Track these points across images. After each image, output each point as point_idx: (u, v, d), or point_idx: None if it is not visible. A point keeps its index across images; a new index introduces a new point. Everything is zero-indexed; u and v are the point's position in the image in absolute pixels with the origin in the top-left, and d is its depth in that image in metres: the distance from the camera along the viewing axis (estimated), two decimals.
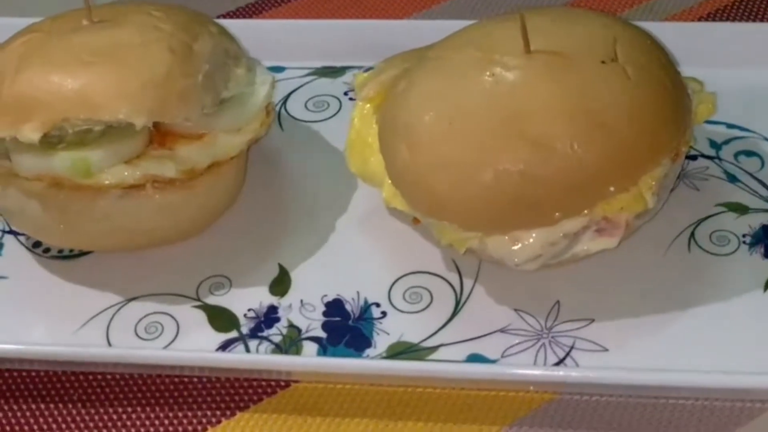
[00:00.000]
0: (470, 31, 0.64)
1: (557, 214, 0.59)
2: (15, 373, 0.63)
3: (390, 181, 0.63)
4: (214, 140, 0.65)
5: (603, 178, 0.59)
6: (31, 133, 0.61)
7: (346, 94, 0.78)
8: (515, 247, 0.61)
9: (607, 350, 0.60)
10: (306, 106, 0.77)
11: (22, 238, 0.70)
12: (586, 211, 0.60)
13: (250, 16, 0.87)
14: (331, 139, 0.74)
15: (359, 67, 0.79)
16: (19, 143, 0.63)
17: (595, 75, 0.59)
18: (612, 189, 0.59)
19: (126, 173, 0.63)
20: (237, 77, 0.67)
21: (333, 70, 0.80)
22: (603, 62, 0.60)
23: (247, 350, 0.62)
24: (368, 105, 0.67)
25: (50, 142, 0.62)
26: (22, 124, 0.61)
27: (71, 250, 0.69)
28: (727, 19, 0.82)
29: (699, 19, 0.82)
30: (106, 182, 0.63)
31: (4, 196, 0.65)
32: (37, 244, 0.69)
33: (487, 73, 0.60)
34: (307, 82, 0.79)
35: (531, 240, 0.60)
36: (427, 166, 0.60)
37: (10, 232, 0.70)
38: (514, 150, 0.58)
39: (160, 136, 0.64)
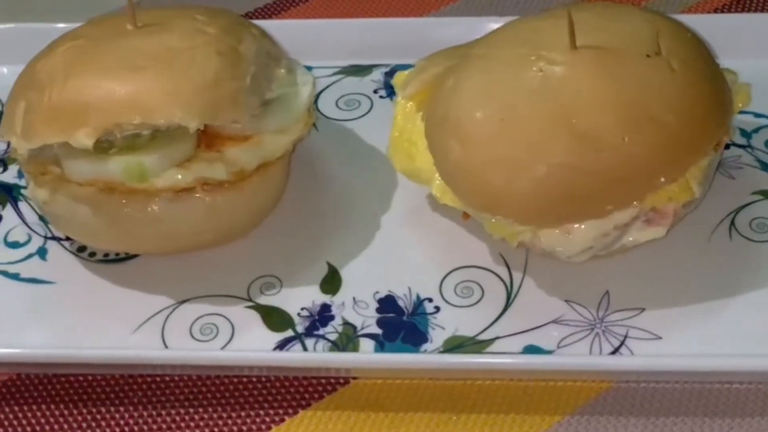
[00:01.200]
0: (513, 28, 0.65)
1: (609, 206, 0.60)
2: (72, 378, 0.63)
3: (440, 178, 0.64)
4: (260, 141, 0.65)
5: (653, 169, 0.60)
6: (85, 138, 0.61)
7: (375, 92, 0.78)
8: (567, 240, 0.62)
9: (660, 338, 0.62)
10: (337, 105, 0.78)
11: (65, 243, 0.70)
12: (635, 203, 0.61)
13: (268, 17, 0.88)
14: (366, 137, 0.75)
15: (386, 65, 0.80)
16: (71, 149, 0.63)
17: (641, 69, 0.61)
18: (662, 180, 0.60)
19: (178, 176, 0.63)
20: (279, 78, 0.67)
21: (360, 69, 0.80)
22: (648, 56, 0.61)
23: (305, 348, 0.63)
24: (410, 103, 0.68)
25: (101, 147, 0.62)
26: (75, 129, 0.61)
27: (117, 254, 0.69)
28: (743, 10, 0.84)
29: (715, 10, 0.84)
30: (159, 186, 0.63)
31: (52, 202, 0.65)
32: (81, 248, 0.69)
33: (536, 70, 0.61)
34: (335, 81, 0.79)
35: (582, 232, 0.61)
36: (481, 163, 0.61)
37: (53, 237, 0.70)
38: (566, 144, 0.59)
39: (207, 138, 0.65)
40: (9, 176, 0.75)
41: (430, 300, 0.65)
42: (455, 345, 0.63)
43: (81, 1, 0.91)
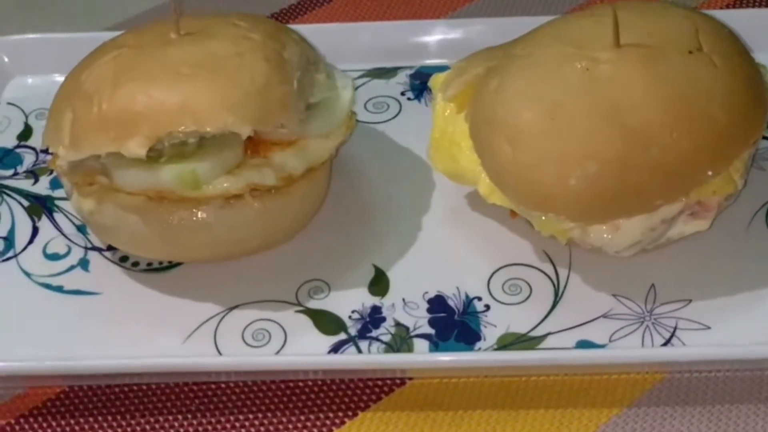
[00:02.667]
0: (554, 27, 0.66)
1: (658, 201, 0.62)
2: (126, 388, 0.63)
3: (487, 178, 0.65)
4: (306, 146, 0.66)
5: (701, 163, 0.61)
6: (137, 148, 0.61)
7: (403, 94, 0.79)
8: (616, 235, 0.63)
9: (709, 328, 0.63)
10: (366, 108, 0.78)
11: (107, 253, 0.70)
12: (683, 197, 0.62)
13: (287, 22, 0.88)
14: (399, 139, 0.76)
15: (410, 67, 0.81)
16: (120, 158, 0.63)
17: (685, 65, 0.62)
18: (709, 174, 0.62)
19: (229, 183, 0.63)
20: (319, 83, 0.68)
21: (384, 71, 0.81)
22: (690, 52, 0.62)
23: (359, 351, 0.64)
24: (451, 104, 0.68)
25: (150, 156, 0.62)
26: (127, 139, 0.61)
27: (161, 263, 0.69)
28: (752, 6, 0.86)
29: (727, 6, 0.86)
30: (210, 193, 0.63)
31: (99, 212, 0.65)
32: (124, 258, 0.69)
33: (582, 68, 0.62)
34: (362, 85, 0.80)
35: (631, 227, 0.63)
36: (531, 162, 0.62)
37: (93, 248, 0.70)
38: (616, 141, 0.60)
39: (252, 144, 0.65)
40: (41, 188, 0.74)
41: (479, 298, 0.66)
42: (508, 342, 0.63)
43: (96, 10, 0.91)
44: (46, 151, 0.76)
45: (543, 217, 0.63)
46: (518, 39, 0.67)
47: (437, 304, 0.66)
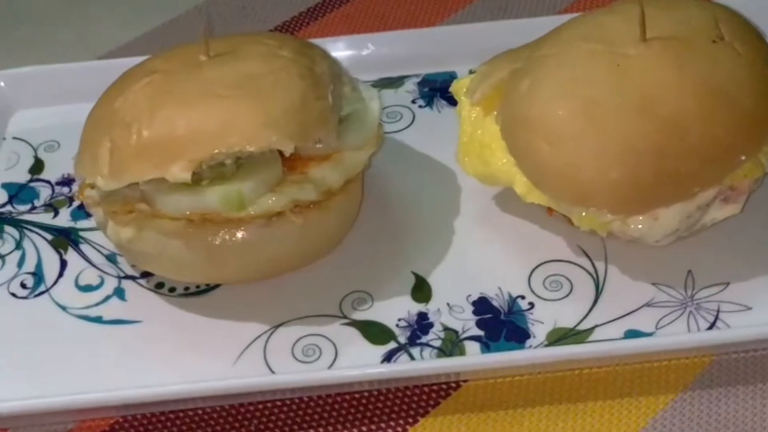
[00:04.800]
0: (577, 26, 0.67)
1: (696, 188, 0.63)
2: (182, 414, 0.63)
3: (524, 177, 0.66)
4: (341, 159, 0.66)
5: (735, 149, 0.63)
6: (181, 172, 0.61)
7: (414, 102, 0.80)
8: (655, 225, 0.64)
9: (750, 308, 0.64)
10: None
11: (142, 281, 0.69)
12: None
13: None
14: (418, 146, 0.76)
15: (416, 75, 0.82)
16: (161, 184, 0.62)
17: (711, 54, 0.64)
18: (743, 158, 0.63)
19: (273, 201, 0.63)
20: (346, 96, 0.68)
21: (391, 81, 0.81)
22: (714, 42, 0.64)
23: (412, 358, 0.64)
24: (477, 108, 0.69)
25: (192, 179, 0.62)
26: (170, 164, 0.61)
27: (198, 287, 0.68)
28: None
29: None
30: (255, 212, 0.63)
31: (139, 239, 0.64)
32: (160, 284, 0.69)
33: (612, 64, 0.63)
34: None
35: (669, 215, 0.64)
36: (571, 158, 0.63)
37: (127, 276, 0.69)
38: (652, 132, 0.62)
39: (289, 161, 0.65)
40: (63, 220, 0.73)
41: (523, 297, 0.66)
42: (558, 337, 0.64)
43: (79, 41, 0.91)
44: (63, 183, 0.76)
45: (583, 213, 0.64)
46: (541, 40, 0.68)
47: (482, 305, 0.66)
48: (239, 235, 0.63)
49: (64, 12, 0.95)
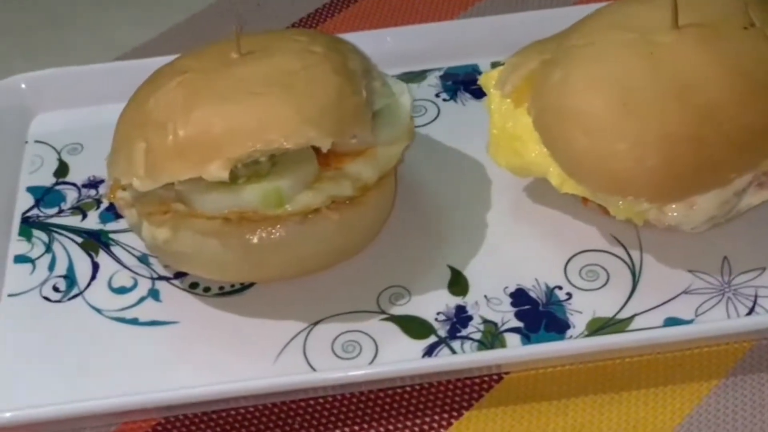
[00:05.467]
0: (607, 15, 0.67)
1: (733, 174, 0.63)
2: (224, 414, 0.63)
3: (558, 168, 0.66)
4: (375, 154, 0.66)
5: None
6: (219, 171, 0.60)
7: (437, 96, 0.80)
8: (692, 212, 0.64)
9: None
10: None
11: (176, 281, 0.69)
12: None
13: None
14: (446, 140, 0.76)
15: (438, 69, 0.82)
16: (198, 183, 0.62)
17: (743, 41, 0.63)
18: None
19: (310, 198, 0.63)
20: (377, 90, 0.67)
21: (414, 75, 0.81)
22: (745, 28, 0.64)
23: (453, 351, 0.64)
24: (507, 100, 0.69)
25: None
26: (207, 163, 0.61)
27: (232, 286, 0.68)
28: None
29: None
30: (292, 209, 0.63)
31: (175, 240, 0.64)
32: (194, 284, 0.68)
33: (645, 52, 0.63)
34: None
35: (705, 202, 0.64)
36: (608, 148, 0.63)
37: (160, 277, 0.69)
38: (689, 120, 0.62)
39: (323, 157, 0.65)
40: (92, 223, 0.73)
41: (560, 287, 0.66)
42: (598, 327, 0.64)
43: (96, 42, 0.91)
44: (89, 186, 0.75)
45: (621, 202, 0.64)
46: (570, 30, 0.68)
47: (520, 297, 0.66)
48: (276, 232, 0.63)
49: (78, 14, 0.95)
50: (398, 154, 0.67)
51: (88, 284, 0.69)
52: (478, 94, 0.79)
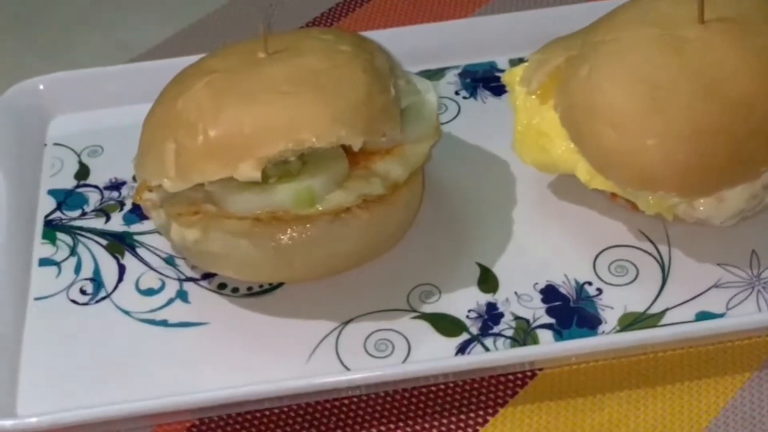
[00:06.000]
0: (632, 11, 0.67)
1: (763, 167, 0.63)
2: (258, 414, 0.62)
3: (586, 164, 0.66)
4: (403, 152, 0.66)
5: None
6: (251, 171, 0.60)
7: (457, 93, 0.79)
8: (721, 206, 0.64)
9: None
10: None
11: (204, 282, 0.68)
12: None
13: None
14: (468, 137, 0.76)
15: (455, 66, 0.82)
16: (229, 183, 0.62)
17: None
18: None
19: (341, 197, 0.63)
20: (402, 89, 0.67)
21: (432, 73, 0.81)
22: None
23: (486, 349, 0.64)
24: (532, 97, 0.69)
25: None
26: (239, 162, 0.60)
27: (261, 286, 0.68)
28: None
29: None
30: (324, 209, 0.62)
31: (206, 240, 0.64)
32: (222, 285, 0.68)
33: (673, 47, 0.63)
34: None
35: (735, 196, 0.64)
36: (638, 143, 0.63)
37: (188, 278, 0.69)
38: (718, 114, 0.62)
39: (351, 155, 0.65)
40: (116, 225, 0.72)
41: (590, 283, 0.66)
42: (630, 322, 0.64)
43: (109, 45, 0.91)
44: (111, 188, 0.75)
45: (650, 197, 0.64)
46: (594, 26, 0.68)
47: (550, 293, 0.66)
48: (307, 232, 0.63)
49: (91, 14, 0.94)
50: (426, 151, 0.67)
51: (116, 286, 0.69)
52: (498, 91, 0.79)
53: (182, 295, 0.68)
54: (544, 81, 0.68)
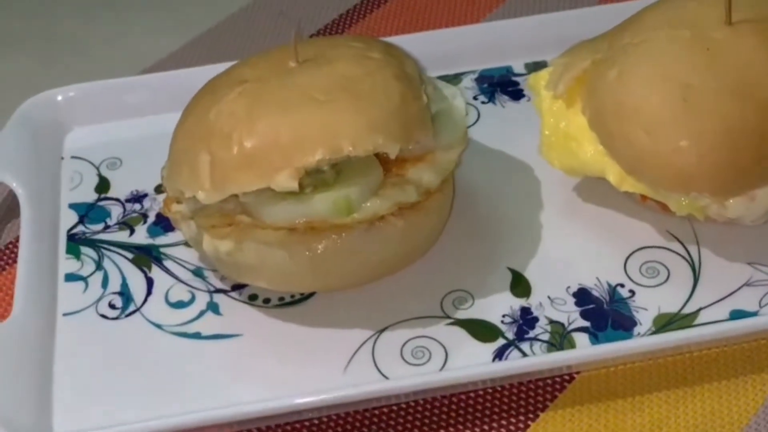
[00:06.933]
0: (659, 13, 0.67)
1: None
2: (297, 425, 0.62)
3: (616, 166, 0.66)
4: (434, 158, 0.65)
5: None
6: (288, 181, 0.60)
7: (476, 98, 0.79)
8: (752, 205, 0.65)
9: None
10: None
11: (234, 293, 0.68)
12: None
13: None
14: (490, 142, 0.76)
15: (472, 71, 0.82)
16: (263, 194, 0.61)
17: None
18: None
19: (377, 205, 0.62)
20: (430, 95, 0.67)
21: (448, 78, 0.81)
22: None
23: (523, 353, 0.64)
24: (558, 101, 0.69)
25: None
26: (275, 173, 0.60)
27: (292, 296, 0.68)
28: None
29: None
30: (360, 217, 0.62)
31: (239, 251, 0.63)
32: (253, 296, 0.68)
33: (702, 48, 0.64)
34: None
35: (766, 195, 0.65)
36: (671, 145, 0.63)
37: (217, 290, 0.68)
38: (749, 114, 0.62)
39: (384, 163, 0.64)
40: (140, 238, 0.72)
41: (622, 285, 0.67)
42: (664, 323, 0.65)
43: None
44: (133, 200, 0.74)
45: (683, 198, 0.64)
46: (620, 28, 0.68)
47: (583, 296, 0.66)
48: (342, 241, 0.63)
49: (100, 26, 0.94)
50: (456, 157, 0.67)
51: (145, 300, 0.68)
52: (516, 95, 0.79)
53: (213, 307, 0.68)
54: (570, 84, 0.68)
